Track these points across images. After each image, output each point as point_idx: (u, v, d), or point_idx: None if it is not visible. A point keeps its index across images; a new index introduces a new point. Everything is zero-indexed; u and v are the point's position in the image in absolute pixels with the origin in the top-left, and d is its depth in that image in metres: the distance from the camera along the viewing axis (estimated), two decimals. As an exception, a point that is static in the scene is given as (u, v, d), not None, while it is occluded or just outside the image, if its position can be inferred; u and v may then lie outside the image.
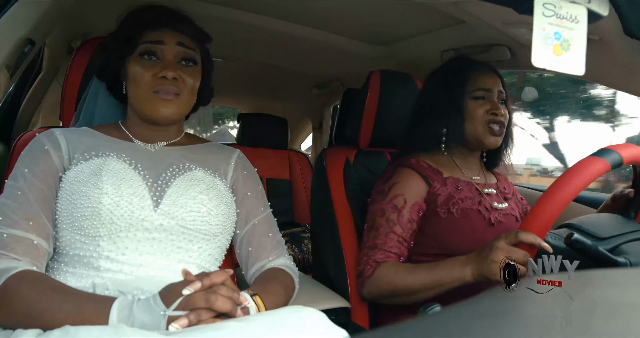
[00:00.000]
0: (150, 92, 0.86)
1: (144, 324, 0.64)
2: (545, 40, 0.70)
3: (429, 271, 1.01)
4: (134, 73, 0.87)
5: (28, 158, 0.83)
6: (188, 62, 0.91)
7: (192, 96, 0.92)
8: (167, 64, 0.87)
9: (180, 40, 0.89)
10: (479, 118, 1.16)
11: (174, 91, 0.87)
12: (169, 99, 0.87)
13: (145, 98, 0.87)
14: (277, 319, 0.64)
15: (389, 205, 1.12)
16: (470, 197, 1.14)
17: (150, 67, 0.87)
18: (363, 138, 1.39)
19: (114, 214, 0.78)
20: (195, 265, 0.85)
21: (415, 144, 1.22)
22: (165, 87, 0.86)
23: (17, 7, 0.92)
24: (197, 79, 0.92)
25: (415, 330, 0.40)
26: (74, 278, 0.78)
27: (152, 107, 0.87)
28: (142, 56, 0.88)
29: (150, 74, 0.87)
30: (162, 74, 0.86)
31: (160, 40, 0.88)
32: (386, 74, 1.39)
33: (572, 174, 0.86)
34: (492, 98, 1.18)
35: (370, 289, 1.09)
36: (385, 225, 1.11)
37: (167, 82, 0.86)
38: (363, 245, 1.14)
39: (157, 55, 0.88)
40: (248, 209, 0.96)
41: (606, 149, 0.90)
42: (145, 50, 0.88)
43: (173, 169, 0.88)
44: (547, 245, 0.84)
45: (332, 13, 1.37)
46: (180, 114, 0.91)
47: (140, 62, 0.88)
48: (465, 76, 1.18)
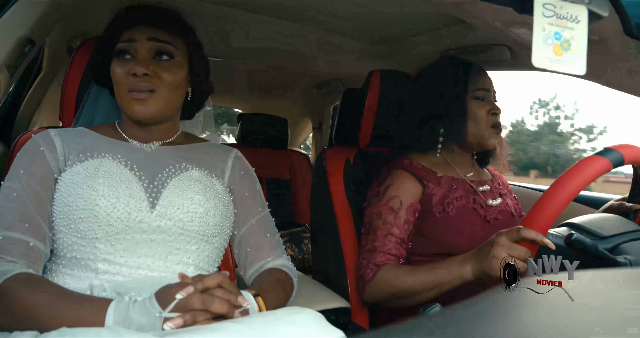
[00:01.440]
0: (125, 91, 0.85)
1: (141, 326, 0.64)
2: (545, 40, 0.70)
3: (429, 272, 1.01)
4: (113, 73, 0.87)
5: (24, 159, 0.82)
6: (162, 56, 0.88)
7: (173, 92, 0.89)
8: (139, 61, 0.86)
9: (151, 35, 0.87)
10: (482, 118, 1.16)
11: (147, 87, 0.85)
12: (142, 98, 0.85)
13: (123, 98, 0.86)
14: (273, 320, 0.64)
15: (385, 207, 1.13)
16: (464, 196, 1.15)
17: (123, 66, 0.86)
18: (363, 138, 1.38)
19: (111, 216, 0.77)
20: (193, 266, 0.85)
21: (410, 144, 1.23)
22: (137, 84, 0.84)
23: (17, 7, 0.92)
24: (175, 73, 0.88)
25: (415, 330, 0.40)
26: (72, 279, 0.78)
27: (129, 107, 0.86)
28: (118, 56, 0.88)
29: (124, 72, 0.86)
30: (133, 71, 0.84)
31: (132, 38, 0.87)
32: (386, 74, 1.39)
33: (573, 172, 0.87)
34: (490, 98, 1.19)
35: (371, 292, 1.09)
36: (382, 227, 1.11)
37: (138, 79, 0.84)
38: (362, 249, 1.14)
39: (130, 53, 0.88)
40: (246, 209, 0.96)
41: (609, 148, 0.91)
42: (120, 49, 0.88)
43: (169, 169, 0.87)
44: (549, 241, 0.84)
45: (332, 13, 1.37)
46: (160, 111, 0.88)
47: (116, 62, 0.88)
48: (467, 76, 1.18)
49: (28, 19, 0.98)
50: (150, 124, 0.91)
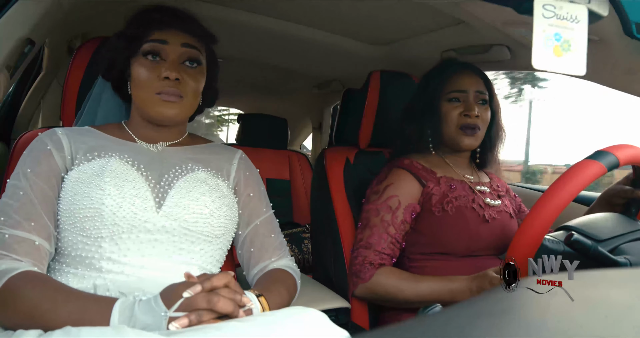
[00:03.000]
0: (153, 94, 0.86)
1: (146, 325, 0.64)
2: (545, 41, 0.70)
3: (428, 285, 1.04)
4: (138, 74, 0.87)
5: (30, 157, 0.82)
6: (192, 63, 0.90)
7: (195, 99, 0.91)
8: (170, 65, 0.86)
9: (185, 41, 0.88)
10: (452, 120, 1.18)
11: (177, 93, 0.86)
12: (172, 101, 0.86)
13: (148, 100, 0.86)
14: (278, 319, 0.64)
15: (383, 206, 1.14)
16: (463, 195, 1.16)
17: (153, 68, 0.86)
18: (363, 138, 1.39)
19: (117, 215, 0.78)
20: (197, 267, 0.85)
21: (407, 145, 1.24)
22: (168, 89, 0.85)
23: (17, 7, 0.92)
24: (200, 81, 0.91)
25: (415, 330, 0.40)
26: (76, 279, 0.78)
27: (156, 109, 0.86)
28: (145, 55, 0.87)
29: (154, 75, 0.86)
30: (165, 75, 0.85)
31: (164, 40, 0.87)
32: (386, 74, 1.39)
33: (567, 178, 0.86)
34: (468, 99, 1.19)
35: (364, 292, 1.11)
36: (379, 225, 1.12)
37: (170, 83, 0.85)
38: (356, 242, 1.15)
39: (160, 55, 0.88)
40: (250, 210, 0.96)
41: (602, 151, 0.89)
42: (149, 49, 0.87)
43: (176, 170, 0.88)
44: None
45: (332, 13, 1.37)
46: (184, 116, 0.91)
47: (143, 63, 0.87)
48: (443, 78, 1.20)
49: (28, 19, 0.98)
50: (166, 126, 0.92)
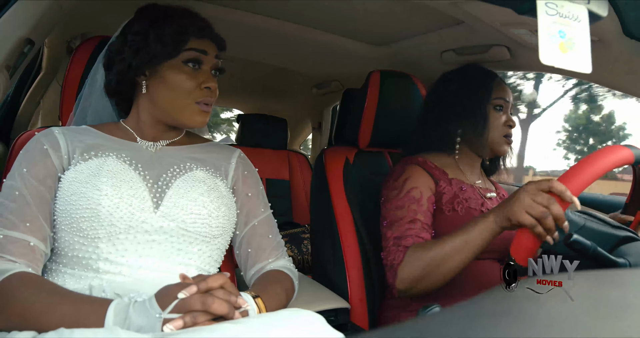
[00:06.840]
0: (192, 102, 0.88)
1: (140, 327, 0.64)
2: (551, 38, 0.69)
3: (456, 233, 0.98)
4: (175, 79, 0.87)
5: (26, 158, 0.82)
6: (216, 72, 0.93)
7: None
8: (208, 75, 0.90)
9: (216, 52, 0.92)
10: (498, 128, 1.20)
11: (212, 102, 0.90)
12: (207, 111, 0.90)
13: (186, 107, 0.88)
14: (273, 321, 0.64)
15: (406, 198, 1.12)
16: (473, 198, 1.16)
17: (194, 77, 0.88)
18: (363, 138, 1.39)
19: (114, 216, 0.77)
20: (194, 267, 0.85)
21: (425, 143, 1.24)
22: (208, 98, 0.89)
23: (17, 7, 0.92)
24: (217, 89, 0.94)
25: (415, 330, 0.40)
26: (72, 279, 0.78)
27: (190, 117, 0.89)
28: (186, 63, 0.88)
29: (194, 83, 0.87)
30: (207, 85, 0.88)
31: (204, 50, 0.89)
32: (386, 74, 1.39)
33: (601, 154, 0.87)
34: (507, 109, 1.23)
35: (403, 275, 1.02)
36: (407, 215, 1.09)
37: (209, 93, 0.89)
38: (387, 240, 1.10)
39: (199, 63, 0.89)
40: (248, 210, 0.96)
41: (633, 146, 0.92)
42: (192, 57, 0.88)
43: (174, 169, 0.88)
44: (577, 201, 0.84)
45: (332, 13, 1.37)
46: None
47: (183, 70, 0.87)
48: (490, 84, 1.21)
49: (28, 19, 0.98)
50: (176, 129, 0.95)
